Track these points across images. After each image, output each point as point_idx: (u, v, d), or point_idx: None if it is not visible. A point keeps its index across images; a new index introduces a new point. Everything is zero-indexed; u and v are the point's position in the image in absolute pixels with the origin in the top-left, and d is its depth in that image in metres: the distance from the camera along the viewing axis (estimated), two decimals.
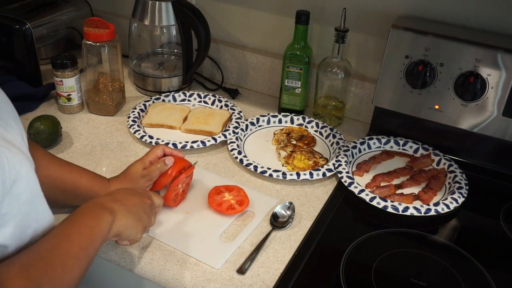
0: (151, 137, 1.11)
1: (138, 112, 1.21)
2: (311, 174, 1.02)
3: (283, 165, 1.09)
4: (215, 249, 0.85)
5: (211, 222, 0.91)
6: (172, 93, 1.30)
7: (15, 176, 0.60)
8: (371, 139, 1.15)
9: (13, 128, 0.68)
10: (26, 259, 0.61)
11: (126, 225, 0.74)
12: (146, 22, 1.27)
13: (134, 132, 1.13)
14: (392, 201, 0.96)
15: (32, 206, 0.64)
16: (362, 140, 1.14)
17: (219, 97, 1.28)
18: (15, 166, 0.60)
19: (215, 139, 1.11)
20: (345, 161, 1.06)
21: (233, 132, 1.14)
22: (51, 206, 0.70)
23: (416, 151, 1.13)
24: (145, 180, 0.89)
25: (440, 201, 0.97)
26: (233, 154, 1.07)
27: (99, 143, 1.13)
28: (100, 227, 0.69)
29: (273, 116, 1.22)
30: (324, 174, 1.03)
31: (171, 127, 1.19)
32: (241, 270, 0.81)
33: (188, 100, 1.30)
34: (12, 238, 0.61)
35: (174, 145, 1.08)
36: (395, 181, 1.05)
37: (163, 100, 1.27)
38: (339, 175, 1.03)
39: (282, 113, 1.23)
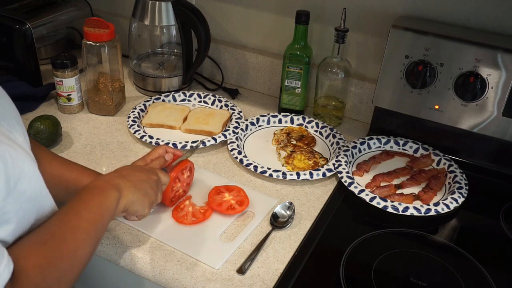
0: (151, 137, 1.11)
1: (138, 112, 1.21)
2: (311, 174, 1.02)
3: (283, 165, 1.09)
4: (215, 249, 0.85)
5: (211, 222, 0.91)
6: (172, 93, 1.30)
7: (19, 174, 0.60)
8: (371, 139, 1.15)
9: (15, 127, 0.68)
10: (38, 237, 0.63)
11: (132, 201, 0.75)
12: (146, 22, 1.27)
13: (134, 132, 1.13)
14: (392, 201, 0.96)
15: (35, 203, 0.65)
16: (362, 140, 1.14)
17: (219, 97, 1.28)
18: (18, 164, 0.60)
19: (215, 139, 1.11)
20: (345, 161, 1.06)
21: (233, 132, 1.14)
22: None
23: (416, 151, 1.13)
24: None
25: (440, 201, 0.97)
26: (233, 154, 1.07)
27: (99, 143, 1.13)
28: (107, 204, 0.71)
29: (273, 116, 1.22)
30: (324, 174, 1.03)
31: (171, 127, 1.19)
32: (241, 270, 0.81)
33: (188, 100, 1.30)
34: (14, 234, 0.62)
35: (174, 145, 1.08)
36: (395, 181, 1.05)
37: (163, 100, 1.27)
38: (339, 175, 1.03)
39: (282, 113, 1.23)
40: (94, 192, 0.72)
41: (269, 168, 1.03)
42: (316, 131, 1.20)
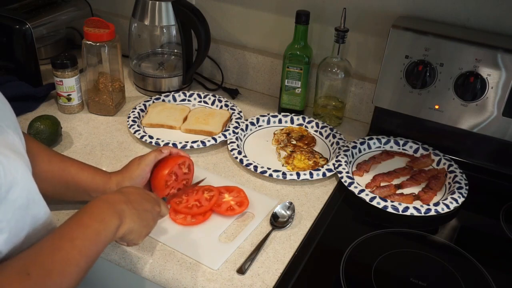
0: (151, 137, 1.11)
1: (138, 112, 1.21)
2: (311, 174, 1.02)
3: (283, 165, 1.09)
4: (213, 250, 0.85)
5: (211, 223, 0.91)
6: (172, 93, 1.30)
7: (10, 183, 0.59)
8: (371, 139, 1.15)
9: (10, 128, 0.68)
10: (23, 264, 0.59)
11: (131, 230, 0.72)
12: (146, 22, 1.27)
13: (134, 132, 1.13)
14: (392, 201, 0.96)
15: (28, 210, 0.63)
16: (362, 140, 1.14)
17: (219, 97, 1.28)
18: (11, 172, 0.59)
19: (215, 139, 1.11)
20: (345, 161, 1.06)
21: (233, 132, 1.14)
22: (53, 203, 0.70)
23: (416, 151, 1.13)
24: (141, 167, 0.90)
25: (440, 201, 0.97)
26: (233, 154, 1.07)
27: (99, 143, 1.13)
28: (106, 232, 0.68)
29: (273, 116, 1.22)
30: (324, 174, 1.03)
31: (171, 127, 1.19)
32: (241, 270, 0.81)
33: (188, 100, 1.30)
34: (7, 243, 0.60)
35: (174, 145, 1.08)
36: (395, 181, 1.05)
37: (163, 100, 1.27)
38: (339, 175, 1.03)
39: (282, 113, 1.23)
40: (94, 217, 0.67)
41: (269, 168, 1.03)
42: (316, 131, 1.20)
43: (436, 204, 0.96)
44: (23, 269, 0.58)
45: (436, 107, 1.08)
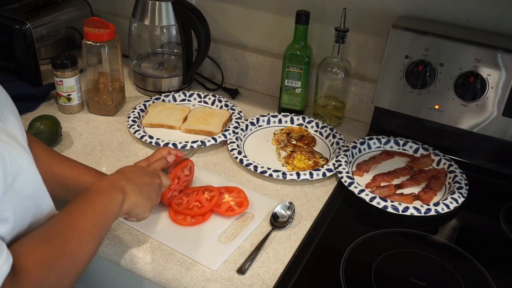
0: (151, 137, 1.11)
1: (138, 112, 1.21)
2: (311, 174, 1.02)
3: (283, 165, 1.09)
4: (212, 250, 0.85)
5: (210, 223, 0.91)
6: (172, 93, 1.30)
7: (16, 171, 0.60)
8: (371, 139, 1.15)
9: (13, 123, 0.69)
10: (42, 234, 0.63)
11: (136, 204, 0.76)
12: (146, 22, 1.27)
13: (134, 132, 1.13)
14: (392, 201, 0.96)
15: (32, 200, 0.65)
16: (362, 140, 1.14)
17: (219, 97, 1.28)
18: (16, 161, 0.60)
19: (215, 139, 1.11)
20: (345, 161, 1.06)
21: (233, 132, 1.14)
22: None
23: (416, 151, 1.13)
24: None
25: (440, 201, 0.97)
26: (233, 154, 1.07)
27: (99, 143, 1.13)
28: (112, 206, 0.72)
29: (273, 116, 1.22)
30: (324, 174, 1.03)
31: (171, 127, 1.19)
32: (241, 270, 0.81)
33: (188, 100, 1.30)
34: (12, 232, 0.62)
35: (174, 145, 1.08)
36: (395, 181, 1.05)
37: (163, 100, 1.27)
38: (339, 175, 1.03)
39: (282, 113, 1.23)
40: (99, 194, 0.72)
41: (269, 168, 1.03)
42: (316, 131, 1.20)
43: (436, 204, 0.96)
44: (44, 238, 0.63)
45: (436, 107, 1.08)
